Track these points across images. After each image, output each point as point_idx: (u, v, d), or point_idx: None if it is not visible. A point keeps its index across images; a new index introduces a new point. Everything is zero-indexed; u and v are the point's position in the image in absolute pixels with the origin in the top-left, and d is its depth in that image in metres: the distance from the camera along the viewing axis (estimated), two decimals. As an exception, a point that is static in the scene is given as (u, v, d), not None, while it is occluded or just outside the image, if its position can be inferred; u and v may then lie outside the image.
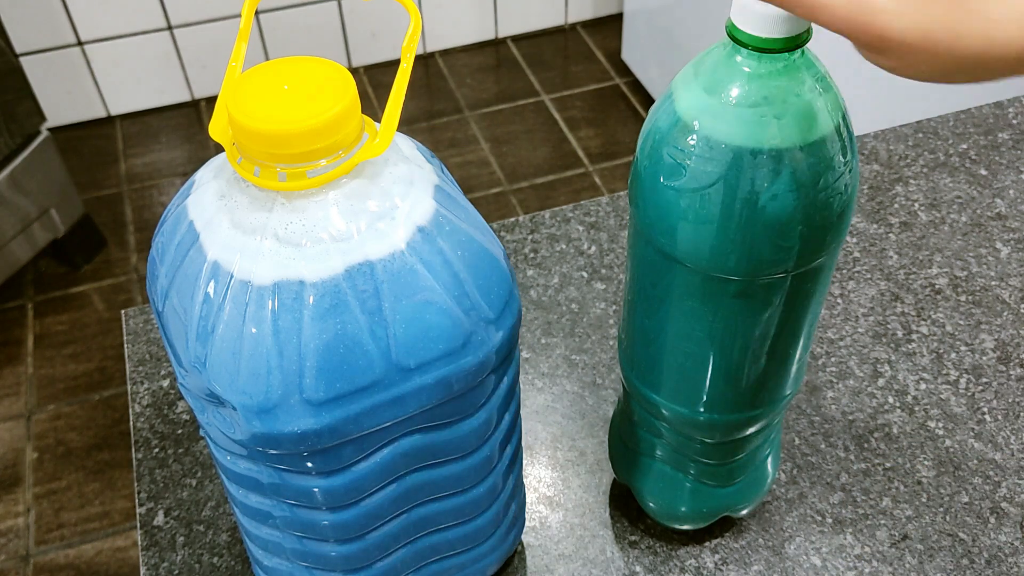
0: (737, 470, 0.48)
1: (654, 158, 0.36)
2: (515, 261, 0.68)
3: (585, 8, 2.20)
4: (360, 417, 0.35)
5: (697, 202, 0.34)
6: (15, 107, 1.49)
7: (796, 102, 0.33)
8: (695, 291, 0.37)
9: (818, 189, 0.34)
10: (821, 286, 0.39)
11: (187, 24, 1.94)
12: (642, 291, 0.41)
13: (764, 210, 0.34)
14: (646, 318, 0.41)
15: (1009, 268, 0.66)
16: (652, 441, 0.48)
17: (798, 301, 0.38)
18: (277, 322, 0.33)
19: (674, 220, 0.35)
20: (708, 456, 0.47)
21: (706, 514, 0.50)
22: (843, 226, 0.36)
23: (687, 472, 0.48)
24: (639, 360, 0.44)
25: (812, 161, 0.34)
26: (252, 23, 0.70)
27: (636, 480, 0.51)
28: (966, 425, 0.57)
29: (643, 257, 0.39)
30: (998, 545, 0.52)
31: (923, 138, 0.77)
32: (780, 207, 0.34)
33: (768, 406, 0.44)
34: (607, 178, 1.84)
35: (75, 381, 1.53)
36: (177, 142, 1.97)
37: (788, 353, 0.41)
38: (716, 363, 0.41)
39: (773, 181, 0.33)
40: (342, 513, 0.39)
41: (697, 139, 0.34)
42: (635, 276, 0.41)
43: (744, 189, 0.33)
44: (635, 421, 0.48)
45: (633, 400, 0.47)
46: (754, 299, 0.37)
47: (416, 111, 2.01)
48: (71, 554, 1.32)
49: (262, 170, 0.33)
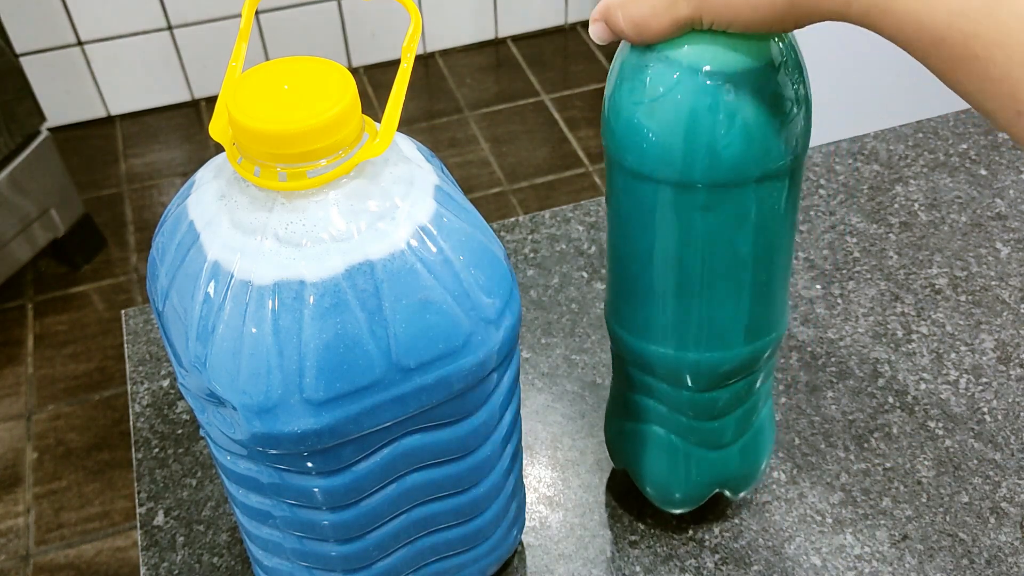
0: (727, 430, 0.48)
1: (621, 84, 0.39)
2: (515, 261, 0.68)
3: (585, 8, 2.20)
4: (360, 417, 0.35)
5: (659, 110, 0.37)
6: (15, 107, 1.50)
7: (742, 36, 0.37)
8: (667, 210, 0.40)
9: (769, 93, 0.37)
10: (787, 207, 0.41)
11: (187, 24, 1.94)
12: (620, 228, 0.43)
13: (720, 110, 0.37)
14: (625, 255, 0.43)
15: (1009, 268, 0.66)
16: (645, 405, 0.48)
17: (764, 220, 0.40)
18: (277, 322, 0.33)
19: (641, 133, 0.38)
20: (698, 411, 0.47)
21: (701, 484, 0.50)
22: (798, 133, 0.38)
23: (680, 434, 0.48)
24: (624, 309, 0.45)
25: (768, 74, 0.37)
26: (252, 23, 0.70)
27: (632, 454, 0.51)
28: (966, 425, 0.57)
29: (618, 189, 0.41)
30: (998, 545, 0.52)
31: (923, 138, 0.77)
32: (733, 108, 0.37)
33: (749, 344, 0.44)
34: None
35: (75, 381, 1.53)
36: (177, 142, 1.97)
37: (761, 280, 0.43)
38: (693, 290, 0.42)
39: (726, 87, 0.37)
40: (342, 513, 0.39)
41: (657, 59, 0.37)
42: (613, 216, 0.43)
43: (699, 94, 0.37)
44: (627, 386, 0.49)
45: (623, 362, 0.48)
46: (721, 212, 0.39)
47: (416, 111, 2.01)
48: (71, 554, 1.32)
49: (262, 170, 0.33)
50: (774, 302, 0.44)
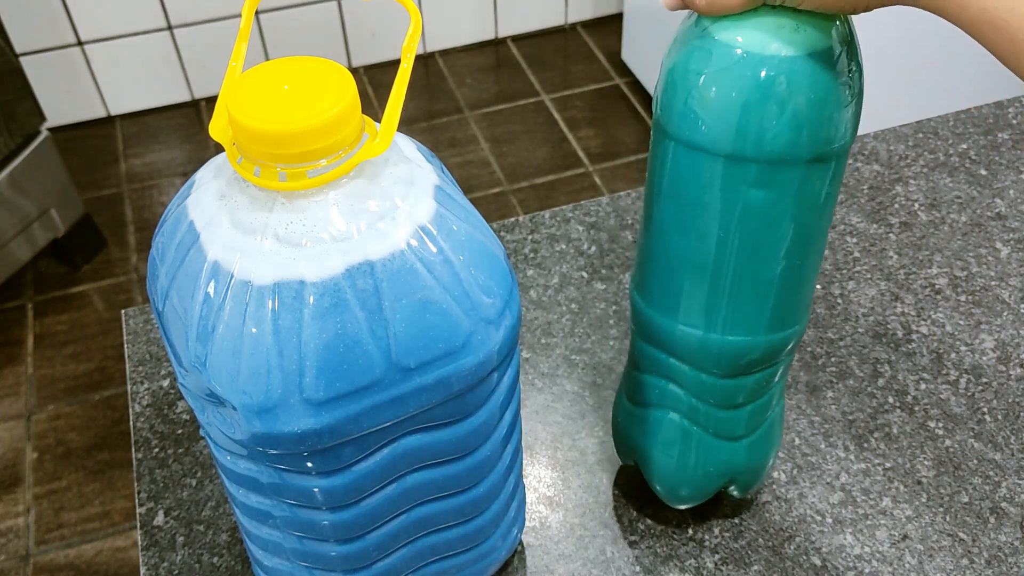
0: (741, 421, 0.48)
1: (681, 58, 0.40)
2: (515, 261, 0.68)
3: (585, 8, 2.20)
4: (360, 417, 0.35)
5: (719, 85, 0.38)
6: (15, 107, 1.49)
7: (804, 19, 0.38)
8: (715, 183, 0.40)
9: (828, 78, 0.38)
10: (829, 194, 0.41)
11: (187, 24, 1.94)
12: (663, 201, 0.43)
13: (778, 90, 0.38)
14: (665, 229, 0.44)
15: (1009, 268, 0.66)
16: (661, 388, 0.48)
17: (807, 203, 0.41)
18: (277, 322, 0.33)
19: (699, 105, 0.39)
20: (717, 398, 0.47)
21: (709, 476, 0.50)
22: (848, 125, 0.39)
23: (695, 420, 0.48)
24: (653, 283, 0.46)
25: (826, 58, 0.38)
26: (252, 23, 0.70)
27: (642, 442, 0.51)
28: (966, 425, 0.57)
29: (667, 160, 0.42)
30: (998, 545, 0.52)
31: (923, 138, 0.77)
32: (792, 89, 0.38)
33: (775, 332, 0.45)
34: (607, 178, 1.84)
35: (75, 381, 1.53)
36: (177, 142, 1.97)
37: (794, 267, 0.43)
38: (728, 268, 0.43)
39: (786, 68, 0.37)
40: (342, 513, 0.39)
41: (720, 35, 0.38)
42: (656, 189, 0.44)
43: (759, 73, 0.38)
44: (644, 367, 0.49)
45: (643, 340, 0.48)
46: (769, 190, 0.40)
47: (416, 111, 2.01)
48: (71, 554, 1.32)
49: (262, 170, 0.33)
50: (801, 293, 0.45)
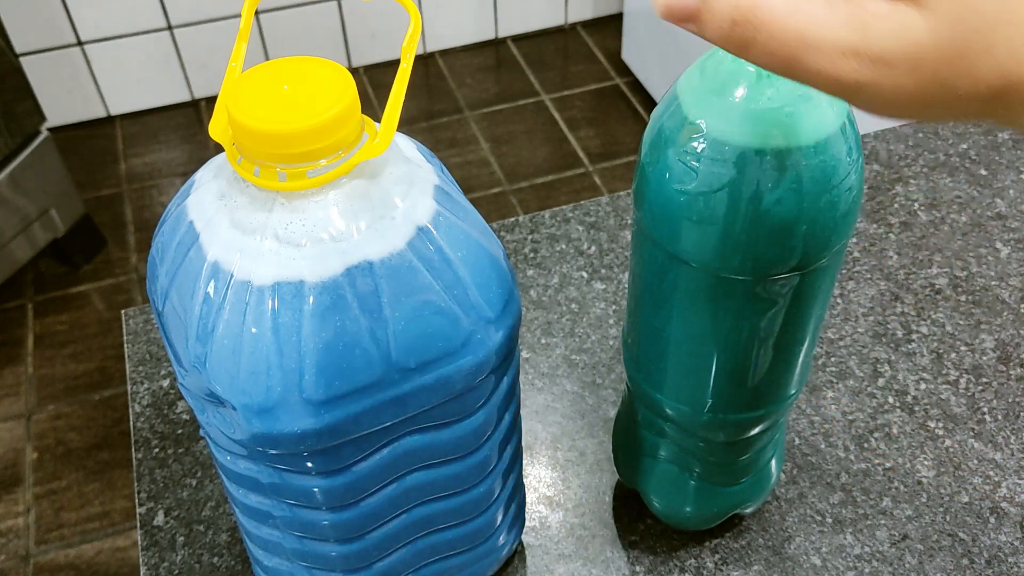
0: (742, 469, 0.48)
1: (660, 161, 0.36)
2: (515, 261, 0.68)
3: (585, 8, 2.20)
4: (360, 417, 0.35)
5: (705, 204, 0.34)
6: (15, 107, 1.49)
7: (802, 101, 0.33)
8: (701, 292, 0.38)
9: (825, 189, 0.34)
10: (827, 286, 0.39)
11: (187, 24, 1.94)
12: (647, 291, 0.41)
13: (771, 211, 0.34)
14: (651, 318, 0.41)
15: (1009, 268, 0.66)
16: (656, 441, 0.48)
17: (804, 301, 0.38)
18: (277, 322, 0.33)
19: (681, 222, 0.35)
20: (713, 455, 0.47)
21: (713, 515, 0.50)
22: (849, 225, 0.36)
23: (692, 471, 0.48)
24: (644, 361, 0.44)
25: (819, 160, 0.34)
26: (252, 23, 0.70)
27: (641, 482, 0.51)
28: (966, 425, 0.57)
29: (648, 258, 0.39)
30: (998, 545, 0.52)
31: (923, 138, 0.77)
32: (787, 208, 0.34)
33: (773, 405, 0.44)
34: (607, 178, 1.84)
35: (75, 381, 1.53)
36: (177, 142, 1.97)
37: (794, 353, 0.41)
38: (722, 363, 0.41)
39: (780, 181, 0.33)
40: (342, 513, 0.39)
41: (705, 141, 0.34)
42: (640, 276, 0.41)
43: (752, 190, 0.34)
44: (639, 422, 0.48)
45: (637, 400, 0.48)
46: (760, 299, 0.37)
47: (416, 111, 2.01)
48: (71, 554, 1.32)
49: (262, 170, 0.33)
50: (797, 370, 0.43)
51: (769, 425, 0.46)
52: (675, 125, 0.35)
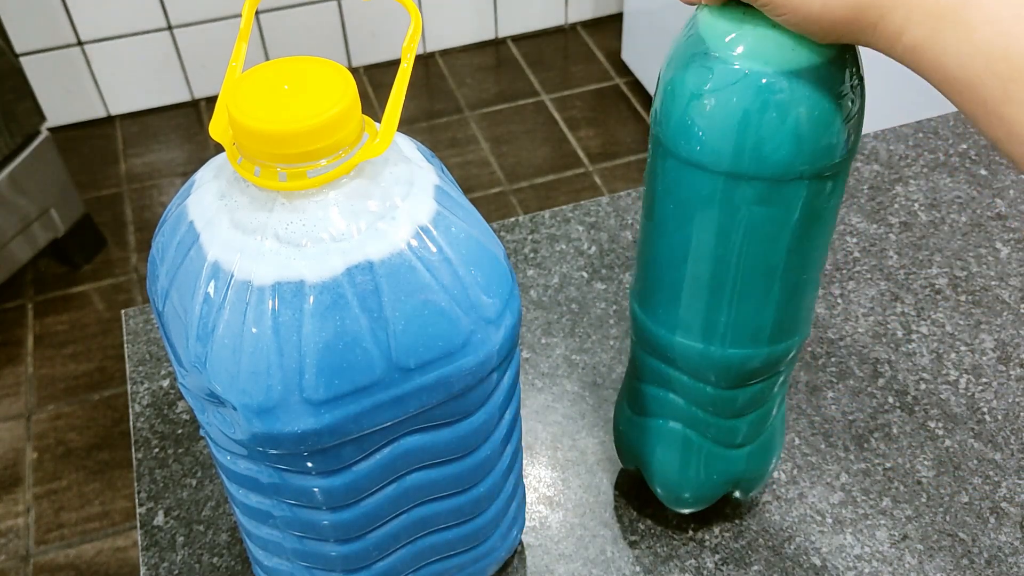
0: (742, 430, 0.48)
1: (680, 70, 0.39)
2: (515, 261, 0.68)
3: (585, 8, 2.20)
4: (360, 417, 0.35)
5: (718, 103, 0.38)
6: (15, 107, 1.49)
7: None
8: (715, 200, 0.40)
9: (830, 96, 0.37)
10: (830, 208, 0.41)
11: (187, 24, 1.94)
12: (661, 215, 0.43)
13: (779, 108, 0.37)
14: (663, 244, 0.43)
15: (1009, 268, 0.66)
16: (661, 397, 0.48)
17: (808, 218, 0.40)
18: (277, 322, 0.33)
19: (698, 122, 0.38)
20: (717, 408, 0.47)
21: (714, 485, 0.50)
22: (850, 134, 0.39)
23: (696, 429, 0.48)
24: (652, 296, 0.46)
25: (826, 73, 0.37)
26: (252, 23, 0.70)
27: (643, 449, 0.51)
28: (966, 425, 0.57)
29: (665, 176, 0.41)
30: (998, 545, 0.52)
31: (923, 138, 0.77)
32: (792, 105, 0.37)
33: (776, 343, 0.44)
34: (607, 178, 1.84)
35: (75, 381, 1.53)
36: (177, 142, 1.97)
37: (799, 282, 0.43)
38: (728, 283, 0.42)
39: (786, 85, 0.37)
40: (342, 513, 0.39)
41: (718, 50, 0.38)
42: (654, 203, 0.43)
43: (759, 91, 0.37)
44: (644, 377, 0.49)
45: (644, 353, 0.48)
46: (769, 207, 0.39)
47: (416, 111, 2.01)
48: (71, 554, 1.32)
49: (262, 170, 0.33)
50: (803, 305, 0.44)
51: (771, 375, 0.46)
52: (694, 38, 0.39)
